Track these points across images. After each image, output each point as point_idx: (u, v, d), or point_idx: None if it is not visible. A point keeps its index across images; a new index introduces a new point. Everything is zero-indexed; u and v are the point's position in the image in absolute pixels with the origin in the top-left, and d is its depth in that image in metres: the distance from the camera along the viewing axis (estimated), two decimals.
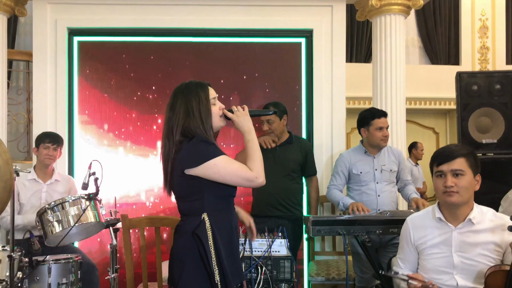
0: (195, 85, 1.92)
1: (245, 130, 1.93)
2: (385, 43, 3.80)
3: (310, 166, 3.49)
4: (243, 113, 1.94)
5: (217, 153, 1.83)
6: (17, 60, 5.16)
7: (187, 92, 1.90)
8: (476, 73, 3.67)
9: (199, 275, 1.81)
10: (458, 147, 2.00)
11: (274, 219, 3.31)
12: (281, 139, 3.42)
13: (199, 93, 1.89)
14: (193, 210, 1.87)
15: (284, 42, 3.93)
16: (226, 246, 1.86)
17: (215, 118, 1.92)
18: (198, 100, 1.88)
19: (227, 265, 1.82)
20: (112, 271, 2.86)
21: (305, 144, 3.52)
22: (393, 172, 3.23)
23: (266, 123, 3.35)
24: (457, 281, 1.92)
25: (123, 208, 3.76)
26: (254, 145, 1.91)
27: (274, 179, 3.31)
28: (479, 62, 6.95)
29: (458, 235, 1.95)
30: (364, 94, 5.79)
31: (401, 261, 2.12)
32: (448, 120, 7.36)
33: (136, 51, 3.86)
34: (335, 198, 3.17)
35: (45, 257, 2.67)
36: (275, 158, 3.35)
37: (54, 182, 3.39)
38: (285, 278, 2.67)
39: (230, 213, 1.94)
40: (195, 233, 1.82)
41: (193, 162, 1.81)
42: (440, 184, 1.95)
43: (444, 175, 1.93)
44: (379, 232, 2.58)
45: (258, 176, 1.86)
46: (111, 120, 3.84)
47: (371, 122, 3.14)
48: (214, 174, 1.81)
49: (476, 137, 3.48)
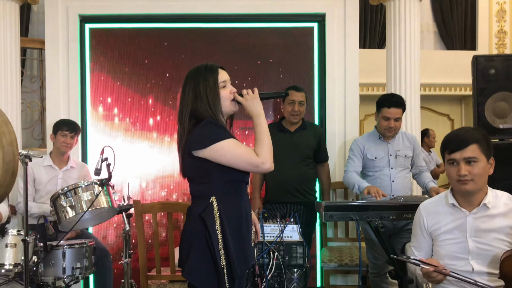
0: (205, 68, 1.90)
1: (253, 114, 1.89)
2: (399, 27, 3.73)
3: (323, 152, 3.48)
4: (252, 96, 1.89)
5: (224, 136, 1.80)
6: (31, 48, 5.20)
7: (196, 75, 1.89)
8: (494, 56, 3.58)
9: (205, 258, 1.80)
10: (470, 132, 1.92)
11: (290, 205, 3.32)
12: (297, 124, 3.40)
13: (207, 76, 1.87)
14: (202, 192, 1.86)
15: (296, 27, 3.88)
16: (234, 232, 1.83)
17: (225, 102, 1.89)
18: (206, 83, 1.85)
19: (234, 251, 1.80)
20: (125, 256, 2.89)
21: (318, 130, 3.51)
22: (407, 157, 3.18)
23: (299, 104, 3.34)
24: (473, 266, 1.89)
25: (137, 194, 3.78)
26: (263, 129, 1.86)
27: (290, 165, 3.32)
28: (496, 47, 6.79)
29: (473, 220, 1.91)
30: (378, 80, 5.70)
31: (415, 249, 2.09)
32: (463, 107, 7.22)
33: (148, 37, 3.85)
34: (351, 181, 3.09)
35: (59, 241, 2.70)
36: (290, 144, 3.35)
37: (69, 168, 3.42)
38: (298, 263, 2.67)
39: (241, 199, 1.90)
40: (201, 216, 1.81)
41: (200, 144, 1.79)
42: (453, 172, 1.89)
43: (457, 163, 1.88)
44: (393, 218, 2.55)
45: (265, 162, 1.81)
46: (124, 107, 3.84)
47: (381, 109, 3.10)
48: (220, 157, 1.79)
49: (492, 122, 3.40)
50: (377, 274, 3.14)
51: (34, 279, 2.69)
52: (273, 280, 2.64)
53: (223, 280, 1.78)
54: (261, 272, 2.62)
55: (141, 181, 3.83)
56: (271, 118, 3.84)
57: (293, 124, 3.41)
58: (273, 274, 2.64)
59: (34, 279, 2.69)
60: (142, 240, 2.89)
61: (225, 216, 1.81)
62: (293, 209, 3.26)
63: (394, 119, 3.06)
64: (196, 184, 1.89)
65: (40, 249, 2.66)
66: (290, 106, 3.35)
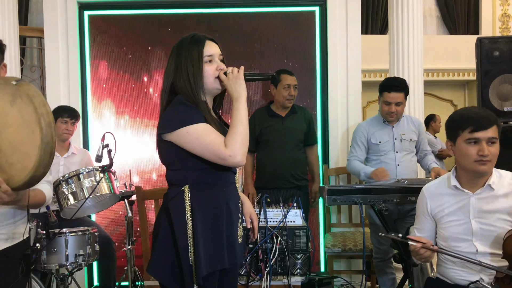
0: (191, 38, 1.70)
1: (233, 96, 1.65)
2: (402, 12, 3.67)
3: (312, 134, 3.50)
4: (236, 76, 1.64)
5: (194, 120, 1.58)
6: (30, 37, 5.18)
7: (179, 46, 1.70)
8: (498, 38, 3.52)
9: (168, 253, 1.62)
10: (488, 112, 1.86)
11: (284, 190, 3.31)
12: (287, 109, 3.38)
13: (191, 49, 1.67)
14: (175, 180, 1.66)
15: (298, 11, 3.83)
16: (208, 226, 1.62)
17: (208, 79, 1.67)
18: (188, 55, 1.66)
19: (204, 246, 1.58)
20: (128, 243, 2.88)
21: (307, 113, 3.51)
22: (412, 141, 3.15)
23: (293, 88, 3.32)
24: (477, 247, 1.87)
25: (139, 182, 3.77)
26: (240, 116, 1.62)
27: (284, 151, 3.31)
28: (500, 31, 6.72)
29: (476, 201, 1.89)
30: (380, 66, 5.65)
31: (417, 231, 2.07)
32: (466, 92, 7.18)
33: (148, 24, 3.81)
34: (355, 169, 3.09)
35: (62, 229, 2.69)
36: (283, 129, 3.33)
37: (71, 155, 3.40)
38: (301, 248, 2.65)
39: (221, 190, 1.67)
40: (166, 205, 1.65)
41: (167, 126, 1.61)
42: (473, 152, 1.81)
43: (478, 142, 1.82)
44: (397, 201, 2.53)
45: (233, 155, 1.56)
46: (125, 94, 3.81)
47: (382, 93, 3.06)
48: (186, 144, 1.59)
49: (497, 105, 3.36)
50: (381, 259, 3.13)
51: (37, 266, 2.67)
52: (277, 265, 2.63)
53: (189, 279, 1.58)
54: (264, 257, 2.61)
55: (143, 168, 3.81)
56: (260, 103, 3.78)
57: (284, 108, 3.39)
58: (277, 259, 2.62)
59: (37, 267, 2.68)
60: (144, 226, 2.88)
61: (198, 206, 1.61)
62: (288, 194, 3.27)
63: (395, 103, 3.02)
64: (171, 170, 1.70)
65: (43, 236, 2.65)
66: (286, 91, 3.32)
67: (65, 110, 3.34)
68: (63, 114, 3.29)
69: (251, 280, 2.62)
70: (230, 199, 1.70)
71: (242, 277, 2.64)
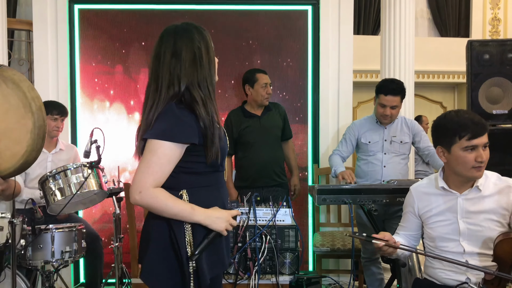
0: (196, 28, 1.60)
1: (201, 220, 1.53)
2: (394, 13, 3.68)
3: (287, 129, 3.52)
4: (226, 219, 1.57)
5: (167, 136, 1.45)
6: (19, 30, 5.10)
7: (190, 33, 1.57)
8: (488, 41, 3.55)
9: (165, 259, 1.53)
10: (478, 117, 1.84)
11: (267, 188, 3.33)
12: (262, 107, 3.40)
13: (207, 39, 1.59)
14: (171, 184, 1.53)
15: (290, 10, 3.83)
16: (210, 230, 1.54)
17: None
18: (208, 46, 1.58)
19: (205, 254, 1.52)
20: (115, 240, 2.85)
21: (281, 108, 3.53)
22: (403, 143, 3.14)
23: (269, 86, 3.35)
24: (464, 247, 1.88)
25: (128, 179, 3.73)
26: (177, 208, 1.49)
27: (265, 149, 3.32)
28: (490, 34, 6.79)
29: (464, 201, 1.90)
30: (371, 67, 5.67)
31: (401, 228, 2.10)
32: (456, 94, 7.24)
33: (138, 19, 3.78)
34: (332, 163, 3.12)
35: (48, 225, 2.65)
36: (261, 128, 3.34)
37: (58, 151, 3.35)
38: (290, 247, 2.64)
39: (217, 190, 1.62)
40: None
41: (148, 129, 1.50)
42: (471, 159, 1.80)
43: (475, 148, 1.81)
44: (386, 201, 2.53)
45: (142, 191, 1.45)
46: (115, 89, 3.78)
47: (378, 95, 3.06)
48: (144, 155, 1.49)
49: (486, 107, 3.39)
50: (369, 259, 3.14)
51: (22, 263, 2.64)
52: (265, 264, 2.62)
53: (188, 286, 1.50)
54: (253, 256, 2.60)
55: (132, 165, 3.78)
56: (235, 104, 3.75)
57: (259, 107, 3.39)
58: (265, 257, 2.62)
59: (22, 263, 2.64)
60: (132, 223, 2.85)
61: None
62: (271, 192, 3.29)
63: (391, 106, 3.02)
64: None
65: (28, 232, 2.61)
66: (264, 89, 3.32)
67: (55, 106, 3.28)
68: (53, 111, 3.22)
69: (240, 279, 2.61)
70: (224, 199, 1.66)
71: (230, 276, 2.63)
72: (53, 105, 3.28)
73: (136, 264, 2.78)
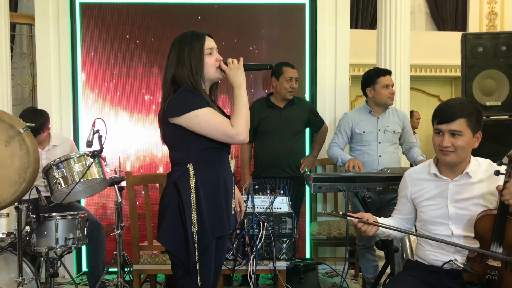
0: (191, 34, 1.89)
1: (235, 84, 1.88)
2: (390, 7, 3.75)
3: (317, 120, 3.55)
4: (237, 67, 1.89)
5: (200, 105, 1.79)
6: (20, 24, 5.14)
7: (181, 41, 1.88)
8: (482, 34, 3.62)
9: (177, 223, 1.81)
10: (462, 105, 1.91)
11: (279, 179, 3.39)
12: (286, 100, 3.45)
13: (193, 43, 1.86)
14: (179, 159, 1.85)
15: (288, 3, 3.89)
16: (210, 200, 1.83)
17: (210, 69, 1.89)
18: (191, 49, 1.85)
19: (208, 218, 1.81)
20: (117, 228, 2.93)
21: (306, 103, 3.58)
22: (396, 133, 3.22)
23: (295, 81, 3.39)
24: (452, 230, 1.96)
25: (129, 168, 3.81)
26: (242, 101, 1.86)
27: (281, 141, 3.38)
28: (487, 28, 6.84)
29: (454, 187, 1.98)
30: (368, 61, 5.72)
31: (396, 211, 2.20)
32: (453, 88, 7.29)
33: (139, 13, 3.83)
34: (334, 155, 3.17)
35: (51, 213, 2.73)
36: (281, 120, 3.40)
37: (52, 148, 3.34)
38: (287, 234, 2.73)
39: (219, 167, 1.89)
40: (175, 182, 1.82)
41: (176, 111, 1.79)
42: (437, 142, 1.94)
43: (442, 133, 1.93)
44: (380, 189, 2.60)
45: (239, 133, 1.82)
46: (116, 83, 3.84)
47: (377, 80, 3.12)
48: (195, 126, 1.79)
49: (480, 99, 3.46)
50: (364, 246, 3.21)
51: (27, 249, 2.72)
52: (263, 250, 2.71)
53: (192, 245, 1.79)
54: (251, 242, 2.68)
55: (133, 155, 3.86)
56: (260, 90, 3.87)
57: (283, 100, 3.45)
58: (263, 244, 2.70)
59: (27, 250, 2.72)
60: (134, 211, 2.93)
61: (201, 183, 1.81)
62: (283, 183, 3.32)
63: (391, 85, 3.14)
64: (175, 151, 1.89)
65: (33, 220, 2.69)
66: (288, 83, 3.38)
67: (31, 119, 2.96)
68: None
69: (238, 264, 2.69)
70: (226, 176, 1.92)
71: (229, 261, 2.71)
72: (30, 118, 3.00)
73: (137, 251, 2.86)
